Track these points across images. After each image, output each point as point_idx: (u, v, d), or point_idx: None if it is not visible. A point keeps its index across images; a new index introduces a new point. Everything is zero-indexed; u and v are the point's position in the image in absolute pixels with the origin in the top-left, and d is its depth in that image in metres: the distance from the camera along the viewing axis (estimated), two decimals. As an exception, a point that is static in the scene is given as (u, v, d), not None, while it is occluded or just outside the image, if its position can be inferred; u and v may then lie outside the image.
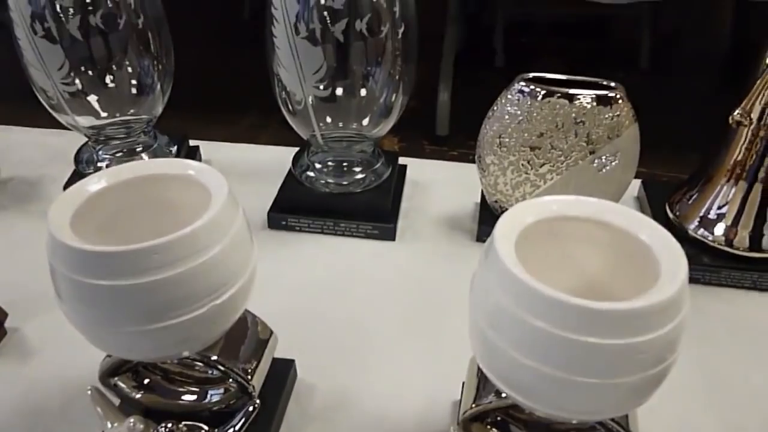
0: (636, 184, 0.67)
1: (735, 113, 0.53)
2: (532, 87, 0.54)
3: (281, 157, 0.67)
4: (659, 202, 0.62)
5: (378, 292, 0.54)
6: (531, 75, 0.55)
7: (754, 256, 0.56)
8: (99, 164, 0.64)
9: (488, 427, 0.37)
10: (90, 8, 0.54)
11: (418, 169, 0.69)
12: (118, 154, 0.65)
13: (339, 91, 0.55)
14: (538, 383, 0.29)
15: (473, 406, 0.36)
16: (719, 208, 0.57)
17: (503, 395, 0.34)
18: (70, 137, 0.67)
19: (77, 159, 0.65)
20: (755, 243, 0.56)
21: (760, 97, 0.52)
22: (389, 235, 0.59)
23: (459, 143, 1.01)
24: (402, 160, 0.68)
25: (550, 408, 0.31)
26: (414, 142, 0.70)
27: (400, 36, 0.53)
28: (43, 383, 0.45)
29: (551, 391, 0.29)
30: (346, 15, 0.50)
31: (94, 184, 0.34)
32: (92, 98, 0.60)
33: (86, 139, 0.65)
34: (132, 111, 0.63)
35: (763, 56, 0.52)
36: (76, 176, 0.64)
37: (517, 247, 0.31)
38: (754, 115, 0.53)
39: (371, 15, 0.50)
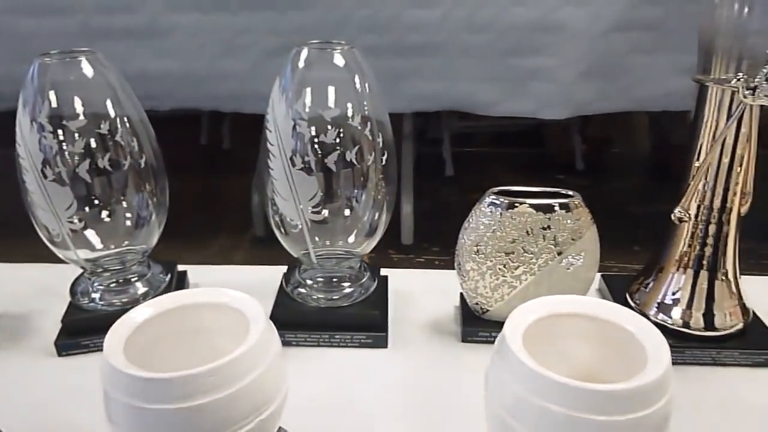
0: (597, 277, 0.74)
1: (676, 211, 0.61)
2: (502, 199, 0.61)
3: (266, 276, 0.71)
4: (620, 292, 0.69)
5: (380, 397, 0.57)
6: (498, 189, 0.62)
7: (709, 335, 0.62)
8: (93, 295, 0.67)
9: None
10: (97, 152, 0.58)
11: (396, 280, 0.75)
12: (113, 285, 0.68)
13: (329, 214, 0.61)
14: (559, 462, 0.34)
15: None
16: (673, 294, 0.64)
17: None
18: (56, 270, 0.69)
19: (72, 291, 0.67)
20: (709, 323, 0.62)
21: (694, 196, 0.61)
22: (382, 343, 0.63)
23: (423, 250, 1.08)
24: (384, 272, 0.73)
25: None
26: (381, 252, 0.76)
27: (383, 164, 0.60)
28: None
29: (570, 468, 0.34)
30: (337, 147, 0.56)
31: (140, 313, 0.38)
32: (92, 233, 0.64)
33: (80, 272, 0.68)
34: (127, 243, 0.66)
35: (691, 160, 0.61)
36: (72, 308, 0.66)
37: (525, 343, 0.36)
38: (692, 212, 0.61)
39: (359, 146, 0.57)
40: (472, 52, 0.84)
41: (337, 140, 0.56)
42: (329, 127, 0.56)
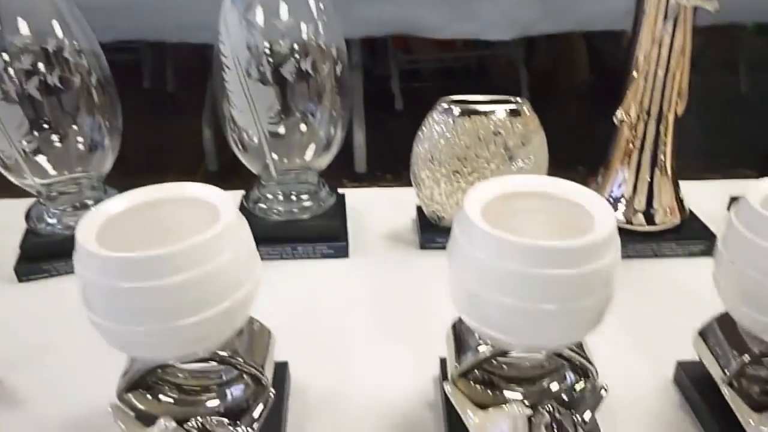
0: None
1: (617, 112, 0.64)
2: (454, 107, 0.63)
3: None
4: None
5: (345, 302, 0.60)
6: (451, 98, 0.64)
7: (651, 230, 0.66)
8: (50, 220, 0.66)
9: (472, 382, 0.44)
10: (47, 69, 0.57)
11: (353, 197, 0.76)
12: (69, 209, 0.67)
13: (285, 128, 0.62)
14: (516, 318, 0.37)
15: (457, 365, 0.43)
16: (619, 188, 0.68)
17: (480, 350, 0.41)
18: (10, 204, 0.68)
19: (28, 217, 0.67)
20: (650, 219, 0.67)
21: (634, 98, 0.64)
22: (343, 253, 0.66)
23: (376, 178, 1.10)
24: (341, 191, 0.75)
25: (524, 339, 0.38)
26: (336, 181, 0.77)
27: (338, 74, 0.60)
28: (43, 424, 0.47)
29: (525, 322, 0.37)
30: (292, 56, 0.57)
31: (112, 205, 0.39)
32: (43, 158, 0.63)
33: (34, 199, 0.67)
34: (80, 168, 0.66)
35: (630, 63, 0.64)
36: (29, 234, 0.66)
37: (484, 217, 0.38)
38: (632, 113, 0.65)
39: (313, 56, 0.58)
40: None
41: (291, 50, 0.57)
42: (282, 37, 0.57)
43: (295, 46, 0.57)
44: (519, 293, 0.36)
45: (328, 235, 0.65)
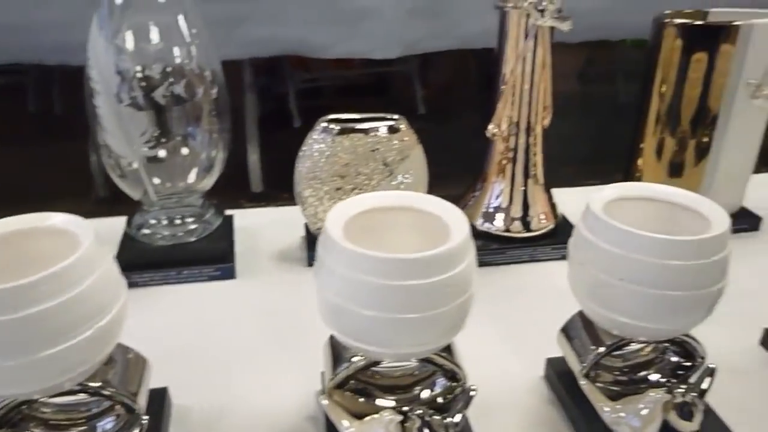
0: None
1: (489, 127, 0.68)
2: (333, 126, 0.64)
3: (111, 225, 0.70)
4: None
5: (230, 323, 0.60)
6: (329, 117, 0.65)
7: (527, 236, 0.70)
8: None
9: (348, 393, 0.45)
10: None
11: (243, 218, 0.76)
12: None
13: (166, 152, 0.62)
14: (379, 329, 0.38)
15: (332, 377, 0.44)
16: (496, 199, 0.71)
17: (353, 360, 0.43)
18: None
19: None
20: (526, 226, 0.70)
21: (503, 113, 0.67)
22: (230, 274, 0.66)
23: (275, 197, 1.09)
24: (229, 212, 0.75)
25: (390, 349, 0.39)
26: (232, 201, 0.77)
27: (213, 98, 0.61)
28: None
29: (388, 333, 0.38)
30: (165, 81, 0.57)
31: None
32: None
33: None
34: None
35: (498, 81, 0.67)
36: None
37: (346, 234, 0.40)
38: (503, 127, 0.68)
39: (186, 80, 0.58)
40: (303, -5, 0.87)
41: (164, 75, 0.57)
42: (154, 62, 0.56)
43: (168, 70, 0.57)
44: (379, 305, 0.37)
45: (214, 257, 0.65)
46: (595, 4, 0.91)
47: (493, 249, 0.70)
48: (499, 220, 0.71)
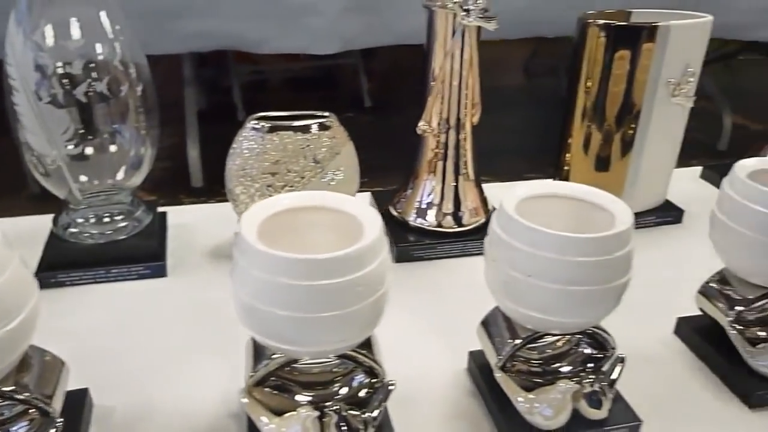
0: (367, 194, 0.81)
1: (420, 124, 0.69)
2: (263, 123, 0.64)
3: (43, 223, 0.69)
4: (384, 204, 0.76)
5: (158, 322, 0.59)
6: (259, 115, 0.65)
7: (459, 230, 0.72)
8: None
9: (268, 390, 0.45)
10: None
11: (178, 215, 0.76)
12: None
13: (90, 149, 0.61)
14: (293, 327, 0.39)
15: (251, 374, 0.44)
16: (428, 196, 0.72)
17: (273, 358, 0.43)
18: None
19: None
20: (458, 221, 0.72)
21: (433, 110, 0.69)
22: (161, 272, 0.65)
23: (216, 193, 1.09)
24: (162, 209, 0.74)
25: (305, 347, 0.40)
26: (173, 198, 0.76)
27: (139, 95, 0.60)
28: None
29: (302, 332, 0.39)
30: (87, 78, 0.56)
31: None
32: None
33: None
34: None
35: (428, 79, 0.69)
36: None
37: (262, 235, 0.40)
38: (433, 124, 0.69)
39: (110, 77, 0.57)
40: (239, -10, 0.86)
41: (85, 71, 0.56)
42: (75, 58, 0.55)
43: (90, 66, 0.56)
44: (292, 305, 0.38)
45: (143, 255, 0.65)
46: (523, 3, 0.93)
47: (426, 244, 0.71)
48: (431, 216, 0.72)
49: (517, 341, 0.48)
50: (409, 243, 0.70)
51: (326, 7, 0.90)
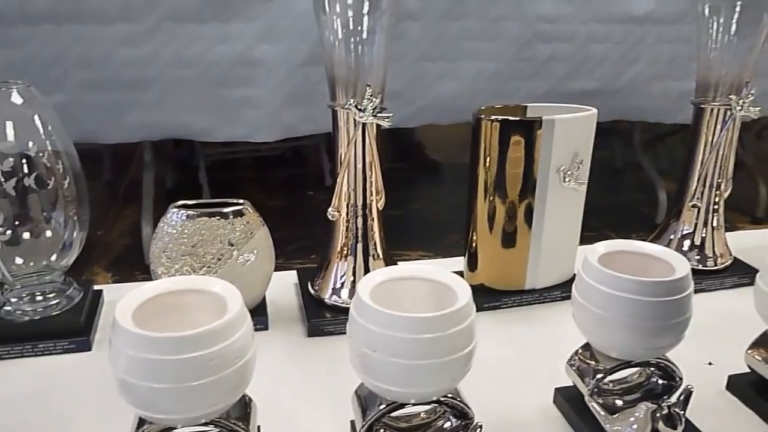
0: (293, 272, 0.88)
1: (330, 210, 0.76)
2: (183, 211, 0.71)
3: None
4: (306, 282, 0.82)
5: (76, 395, 0.64)
6: (180, 203, 0.72)
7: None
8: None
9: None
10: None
11: (114, 293, 0.82)
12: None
13: (26, 234, 0.68)
14: (163, 398, 0.44)
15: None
16: (341, 278, 0.78)
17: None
18: None
19: None
20: (367, 298, 0.78)
21: (342, 197, 0.76)
22: (85, 347, 0.71)
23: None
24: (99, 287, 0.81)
25: (176, 415, 0.45)
26: (127, 275, 0.83)
27: (66, 186, 0.67)
28: None
29: (171, 401, 0.44)
30: (16, 174, 0.63)
31: None
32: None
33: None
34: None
35: (336, 169, 0.76)
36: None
37: (141, 317, 0.46)
38: (342, 210, 0.76)
39: (37, 173, 0.64)
40: (185, 85, 0.95)
41: (16, 168, 0.63)
42: (7, 157, 0.63)
43: (22, 162, 0.64)
44: (161, 378, 0.44)
45: (69, 330, 0.70)
46: (454, 92, 1.03)
47: (341, 319, 0.77)
48: (345, 294, 0.78)
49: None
50: (320, 318, 0.76)
51: (265, 100, 0.98)
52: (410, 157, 1.72)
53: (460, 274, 0.87)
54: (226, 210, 0.72)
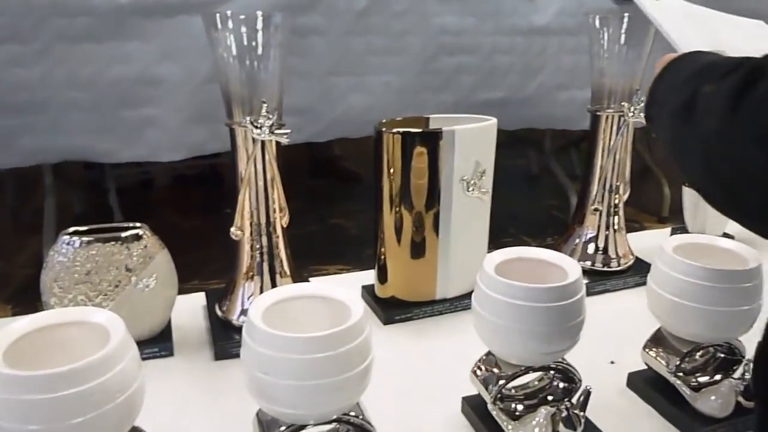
0: (202, 294, 0.85)
1: (232, 229, 0.74)
2: (74, 238, 0.68)
3: None
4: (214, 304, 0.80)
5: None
6: (72, 229, 0.69)
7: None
8: None
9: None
10: None
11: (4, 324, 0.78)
12: None
13: None
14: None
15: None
16: (249, 298, 0.77)
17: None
18: None
19: None
20: (276, 317, 0.76)
21: (244, 216, 0.74)
22: None
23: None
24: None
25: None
26: (29, 307, 0.79)
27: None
28: None
29: None
30: None
31: None
32: None
33: None
34: None
35: (237, 188, 0.74)
36: None
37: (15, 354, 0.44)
38: (246, 230, 0.75)
39: None
40: (82, 107, 0.91)
41: None
42: None
43: None
44: (42, 418, 0.41)
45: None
46: (362, 105, 1.04)
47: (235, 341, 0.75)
48: (253, 313, 0.76)
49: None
50: (227, 341, 0.74)
51: (168, 118, 0.96)
52: (329, 172, 1.71)
53: (373, 287, 0.87)
54: (122, 234, 0.69)
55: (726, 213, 0.42)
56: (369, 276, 0.90)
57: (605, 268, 0.95)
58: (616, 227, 0.96)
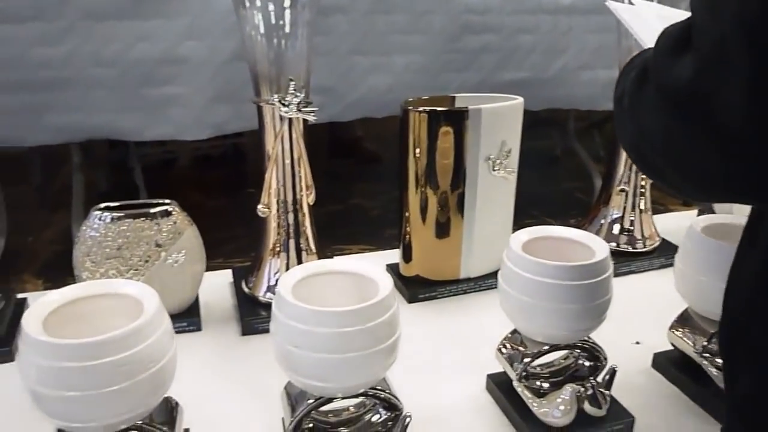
0: (229, 271, 0.86)
1: (259, 206, 0.75)
2: (105, 214, 0.69)
3: None
4: (240, 281, 0.81)
5: (2, 406, 0.62)
6: (103, 205, 0.70)
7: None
8: None
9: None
10: None
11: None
12: None
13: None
14: (76, 404, 0.43)
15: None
16: (275, 275, 0.78)
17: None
18: None
19: None
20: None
21: (271, 193, 0.75)
22: (7, 357, 0.68)
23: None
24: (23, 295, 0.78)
25: (93, 421, 0.44)
26: (59, 282, 0.81)
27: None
28: None
29: (85, 407, 0.43)
30: None
31: None
32: None
33: None
34: None
35: (263, 166, 0.75)
36: None
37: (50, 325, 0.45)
38: (272, 207, 0.75)
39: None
40: (106, 85, 0.92)
41: None
42: None
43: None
44: (76, 386, 0.43)
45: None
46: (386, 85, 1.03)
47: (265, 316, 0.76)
48: (279, 290, 0.77)
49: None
50: (254, 317, 0.75)
51: (192, 97, 0.96)
52: (350, 152, 1.70)
53: (397, 266, 0.87)
54: (152, 210, 0.70)
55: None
56: (393, 255, 0.90)
57: (630, 249, 0.94)
58: (642, 208, 0.95)
